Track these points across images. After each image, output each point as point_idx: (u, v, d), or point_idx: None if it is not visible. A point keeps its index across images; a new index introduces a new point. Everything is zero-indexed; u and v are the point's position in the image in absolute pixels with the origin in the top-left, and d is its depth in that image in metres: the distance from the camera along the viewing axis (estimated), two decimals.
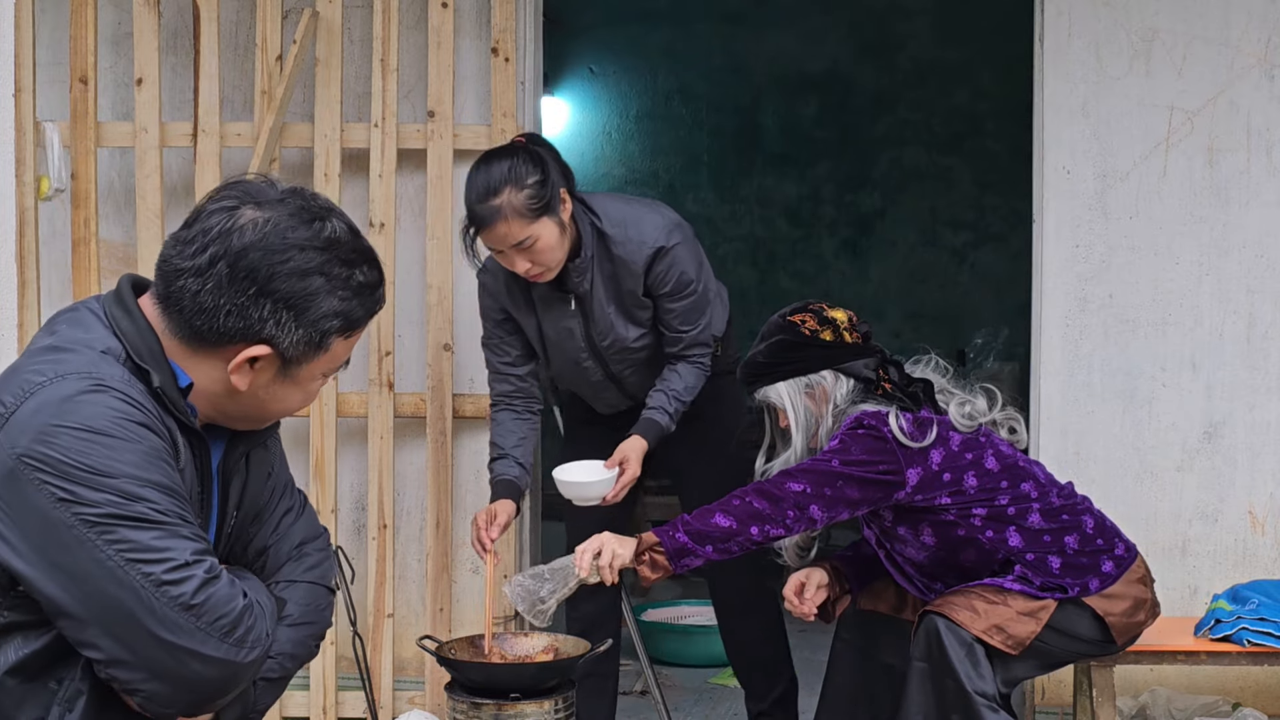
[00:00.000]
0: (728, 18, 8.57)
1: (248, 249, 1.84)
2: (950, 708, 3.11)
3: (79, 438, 1.76)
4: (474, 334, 4.49)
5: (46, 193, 4.36)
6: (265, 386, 1.93)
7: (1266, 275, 4.31)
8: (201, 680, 1.82)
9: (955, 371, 3.40)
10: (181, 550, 1.79)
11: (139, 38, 4.41)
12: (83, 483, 1.75)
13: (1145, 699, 4.16)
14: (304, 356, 1.91)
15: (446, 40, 4.39)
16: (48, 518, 1.75)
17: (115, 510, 1.76)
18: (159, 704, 1.82)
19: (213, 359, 1.90)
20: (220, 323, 1.86)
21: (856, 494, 3.13)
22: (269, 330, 1.87)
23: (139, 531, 1.77)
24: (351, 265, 1.91)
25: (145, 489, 1.78)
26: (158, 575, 1.77)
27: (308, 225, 1.88)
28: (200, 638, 1.80)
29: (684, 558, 3.13)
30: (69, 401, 1.78)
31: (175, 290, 1.87)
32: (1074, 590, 3.19)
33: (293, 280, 1.86)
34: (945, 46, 8.38)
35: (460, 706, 3.44)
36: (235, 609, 1.84)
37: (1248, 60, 4.29)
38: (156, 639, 1.77)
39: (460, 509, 4.50)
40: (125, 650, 1.78)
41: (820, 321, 3.29)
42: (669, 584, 6.33)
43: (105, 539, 1.75)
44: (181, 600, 1.78)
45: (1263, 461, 4.33)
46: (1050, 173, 4.35)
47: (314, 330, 1.89)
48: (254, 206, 1.88)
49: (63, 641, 1.82)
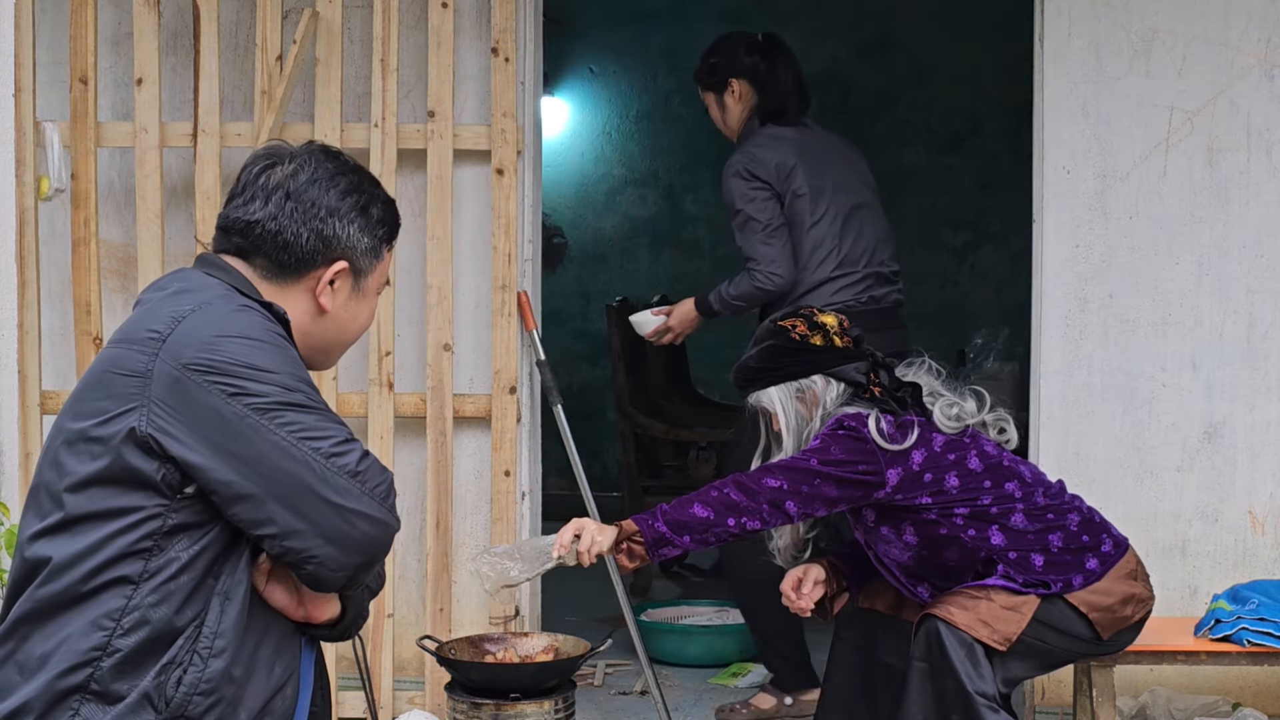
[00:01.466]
0: (728, 18, 8.55)
1: (305, 185, 2.19)
2: (950, 708, 3.12)
3: (240, 343, 2.03)
4: (474, 334, 4.50)
5: (46, 193, 4.37)
6: (345, 304, 2.24)
7: (1266, 275, 4.31)
8: (368, 539, 2.05)
9: (950, 373, 3.42)
10: (339, 430, 2.06)
11: (139, 38, 4.41)
12: (248, 378, 2.01)
13: (1145, 699, 4.16)
14: (369, 266, 2.25)
15: (446, 40, 4.39)
16: (220, 413, 2.00)
17: (280, 398, 2.02)
18: (330, 568, 2.04)
19: (299, 290, 2.21)
20: (304, 250, 2.18)
21: (834, 492, 3.17)
22: (343, 245, 2.21)
23: (303, 414, 2.03)
24: (376, 185, 2.28)
25: (300, 383, 2.06)
26: (325, 448, 2.02)
27: (335, 159, 2.25)
28: (366, 500, 2.04)
29: (662, 547, 3.16)
30: (225, 317, 2.06)
31: (255, 238, 2.18)
32: (1057, 586, 3.21)
33: (348, 198, 2.21)
34: (945, 46, 8.37)
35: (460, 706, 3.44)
36: (388, 479, 2.10)
37: (1248, 60, 4.29)
38: (329, 504, 2.02)
39: (460, 509, 4.51)
40: (301, 519, 2.01)
41: (810, 326, 3.33)
42: (669, 584, 6.33)
43: (276, 422, 2.01)
44: (348, 468, 2.03)
45: (1263, 461, 4.33)
46: (1050, 173, 4.35)
47: (373, 237, 2.24)
48: (289, 160, 2.22)
49: (222, 541, 2.05)
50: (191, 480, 2.01)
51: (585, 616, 5.45)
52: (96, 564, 2.00)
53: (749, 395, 3.37)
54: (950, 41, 8.35)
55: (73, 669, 1.98)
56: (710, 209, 8.62)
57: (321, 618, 2.16)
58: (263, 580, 2.10)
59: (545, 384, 4.51)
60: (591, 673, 4.86)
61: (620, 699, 4.69)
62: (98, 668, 1.98)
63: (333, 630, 2.21)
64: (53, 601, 2.01)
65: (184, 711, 1.99)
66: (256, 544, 2.07)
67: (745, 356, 3.38)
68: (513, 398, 4.42)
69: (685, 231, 8.62)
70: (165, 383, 2.01)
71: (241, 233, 2.19)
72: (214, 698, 2.01)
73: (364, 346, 4.43)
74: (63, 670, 1.98)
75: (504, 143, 4.40)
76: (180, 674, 2.00)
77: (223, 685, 2.02)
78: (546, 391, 4.51)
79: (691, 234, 8.61)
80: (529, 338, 4.49)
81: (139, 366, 2.03)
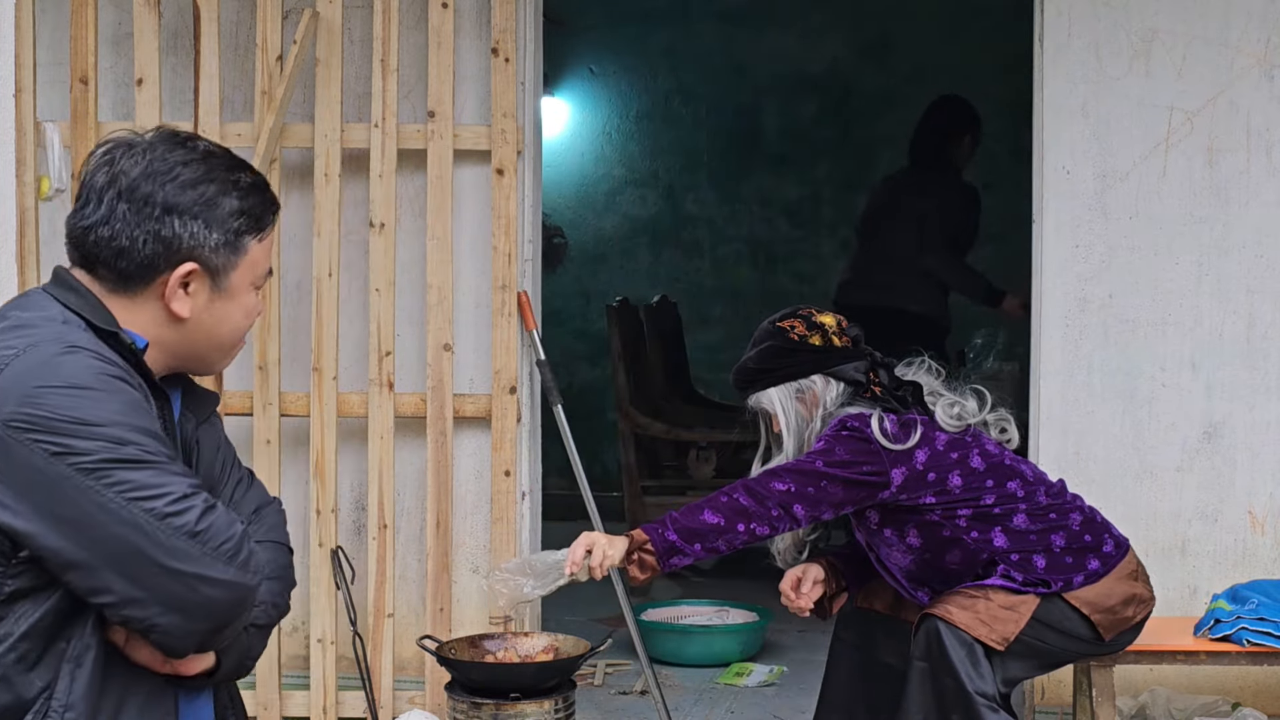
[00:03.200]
0: (728, 18, 8.57)
1: (138, 181, 1.96)
2: (950, 707, 3.12)
3: (64, 394, 1.84)
4: (474, 334, 4.50)
5: (47, 193, 4.36)
6: (205, 308, 2.03)
7: (1266, 275, 4.31)
8: (214, 604, 1.88)
9: (949, 373, 3.42)
10: (178, 484, 1.87)
11: (139, 38, 4.41)
12: (73, 434, 1.82)
13: (1145, 699, 4.16)
14: (227, 264, 2.02)
15: (447, 40, 4.39)
16: (44, 473, 1.82)
17: (109, 455, 1.83)
18: (176, 636, 1.88)
19: (148, 298, 2.00)
20: (142, 254, 1.96)
21: (841, 494, 3.16)
22: (187, 244, 1.98)
23: (134, 472, 1.84)
24: (234, 170, 2.03)
25: (133, 433, 1.86)
26: (159, 509, 1.84)
27: (182, 146, 2.01)
28: (208, 562, 1.86)
29: (673, 556, 3.15)
30: (47, 364, 1.86)
31: (90, 247, 1.97)
32: (1057, 585, 3.21)
33: (187, 191, 1.97)
34: (945, 46, 8.37)
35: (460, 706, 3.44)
36: (236, 533, 1.91)
37: (1247, 60, 4.29)
38: (167, 570, 1.84)
39: (460, 509, 4.51)
40: (138, 587, 1.84)
41: (809, 327, 3.32)
42: (669, 584, 6.33)
43: (104, 483, 1.82)
44: (185, 528, 1.85)
45: (1262, 461, 4.33)
46: (1050, 173, 4.36)
47: (226, 231, 2.00)
48: (127, 150, 1.99)
49: (67, 603, 1.88)
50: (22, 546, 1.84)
51: (585, 616, 5.45)
52: None
53: (748, 397, 3.37)
54: (950, 41, 8.35)
55: None
56: (710, 209, 8.63)
57: (191, 671, 1.98)
58: (122, 636, 1.93)
59: (545, 384, 4.51)
60: (591, 673, 4.87)
61: (620, 699, 4.69)
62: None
63: (211, 679, 2.03)
64: None
65: None
66: None
67: (744, 358, 3.38)
68: (513, 398, 4.42)
69: (685, 231, 8.61)
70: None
71: (77, 243, 1.99)
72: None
73: (364, 346, 4.44)
74: None
75: (504, 143, 4.40)
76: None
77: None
78: (546, 391, 4.51)
79: (691, 234, 8.61)
80: (529, 338, 4.49)
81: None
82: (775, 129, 8.71)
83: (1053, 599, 3.22)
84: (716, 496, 3.18)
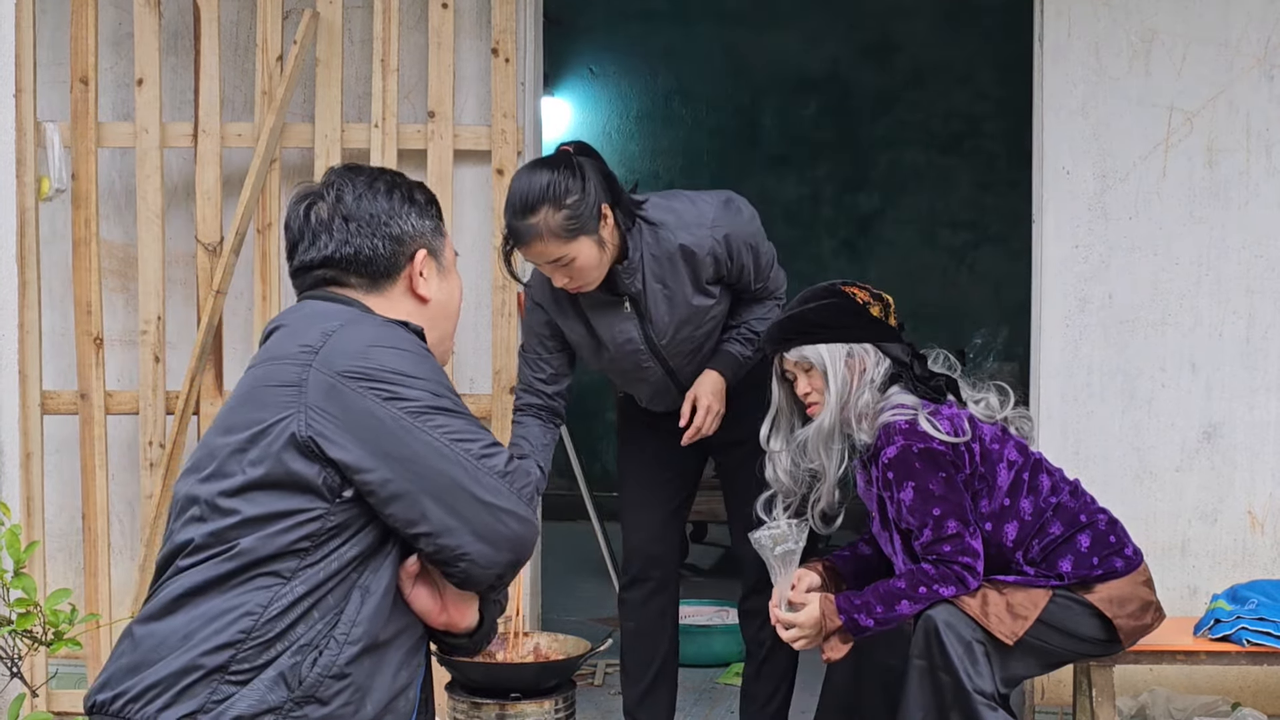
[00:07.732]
0: (728, 18, 8.58)
1: (355, 203, 2.31)
2: (949, 706, 3.12)
3: (390, 352, 2.14)
4: (474, 334, 4.50)
5: (47, 193, 4.37)
6: (439, 286, 2.37)
7: (1266, 275, 4.32)
8: (517, 538, 2.14)
9: (963, 369, 3.42)
10: (486, 434, 2.17)
11: (139, 38, 4.41)
12: (400, 384, 2.12)
13: (1145, 699, 4.16)
14: (440, 244, 2.38)
15: (447, 41, 4.40)
16: (376, 416, 2.10)
17: (430, 403, 2.13)
18: (482, 564, 2.13)
19: (398, 292, 2.32)
20: (384, 256, 2.30)
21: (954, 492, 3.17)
22: (411, 235, 2.32)
23: (452, 419, 2.14)
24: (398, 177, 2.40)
25: (446, 389, 2.17)
26: (475, 450, 2.13)
27: (361, 172, 2.36)
28: (515, 500, 2.14)
29: (861, 635, 3.22)
30: (375, 329, 2.19)
31: (340, 267, 2.29)
32: (1073, 580, 3.23)
33: (393, 196, 2.33)
34: (945, 46, 8.38)
35: (461, 706, 3.44)
36: (533, 480, 2.32)
37: (1247, 61, 4.30)
38: (481, 502, 2.11)
39: None
40: (454, 517, 2.10)
41: (872, 296, 3.32)
42: None
43: (429, 425, 2.11)
44: (497, 469, 2.14)
45: (1262, 461, 4.33)
46: (1050, 173, 4.36)
47: (429, 217, 2.37)
48: (319, 192, 2.33)
49: (373, 540, 2.13)
50: (350, 483, 2.10)
51: (585, 616, 5.45)
52: (253, 559, 2.08)
53: (790, 349, 3.27)
54: (950, 41, 8.36)
55: (216, 649, 2.05)
56: None
57: (463, 624, 2.24)
58: (409, 584, 2.17)
59: None
60: (591, 673, 4.87)
61: (620, 699, 4.69)
62: (240, 649, 2.05)
63: (470, 639, 2.28)
64: (203, 585, 2.09)
65: (315, 693, 2.07)
66: (404, 547, 2.15)
67: (800, 309, 3.29)
68: (513, 398, 4.42)
69: None
70: (321, 390, 2.11)
71: (323, 267, 2.30)
72: (344, 683, 2.08)
73: None
74: (207, 650, 2.05)
75: (504, 143, 4.41)
76: (316, 656, 2.07)
77: (354, 672, 2.09)
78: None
79: None
80: None
81: (293, 377, 2.13)
82: (775, 129, 8.72)
83: (1068, 600, 3.22)
84: (895, 584, 3.18)
